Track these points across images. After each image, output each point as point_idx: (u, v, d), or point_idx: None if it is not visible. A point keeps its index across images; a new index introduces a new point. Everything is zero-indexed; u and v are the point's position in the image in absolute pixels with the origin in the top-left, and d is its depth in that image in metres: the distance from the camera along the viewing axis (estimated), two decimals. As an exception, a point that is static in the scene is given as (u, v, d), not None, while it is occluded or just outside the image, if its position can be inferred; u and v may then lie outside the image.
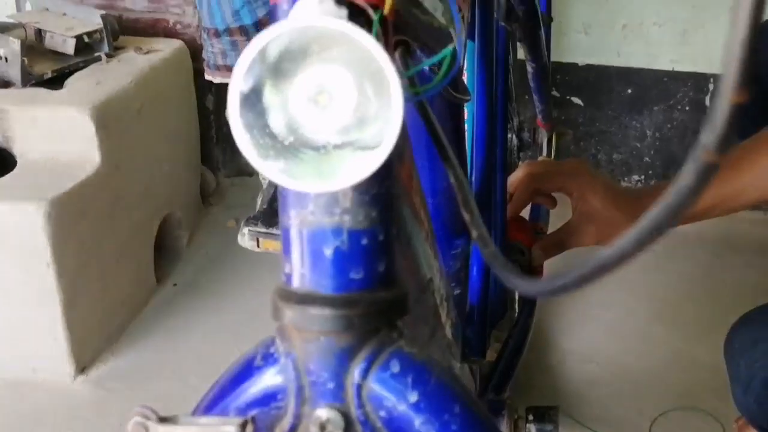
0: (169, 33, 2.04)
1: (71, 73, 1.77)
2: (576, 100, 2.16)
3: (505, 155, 1.16)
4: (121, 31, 1.93)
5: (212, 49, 1.61)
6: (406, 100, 0.43)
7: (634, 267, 1.59)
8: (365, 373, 0.43)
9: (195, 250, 2.01)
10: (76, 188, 1.56)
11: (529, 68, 1.54)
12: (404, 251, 0.51)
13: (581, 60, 2.12)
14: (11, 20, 1.94)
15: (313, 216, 0.41)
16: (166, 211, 1.93)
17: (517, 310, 1.46)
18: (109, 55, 1.83)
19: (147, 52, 1.87)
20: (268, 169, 0.38)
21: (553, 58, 2.05)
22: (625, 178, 2.21)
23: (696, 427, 1.49)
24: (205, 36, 1.62)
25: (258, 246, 1.34)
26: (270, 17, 0.41)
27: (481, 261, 1.02)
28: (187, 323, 1.78)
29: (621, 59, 2.10)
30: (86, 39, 1.82)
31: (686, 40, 2.04)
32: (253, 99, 0.37)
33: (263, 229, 1.35)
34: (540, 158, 1.79)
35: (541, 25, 1.38)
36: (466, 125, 1.06)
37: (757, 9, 0.28)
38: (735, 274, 1.91)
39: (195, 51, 1.99)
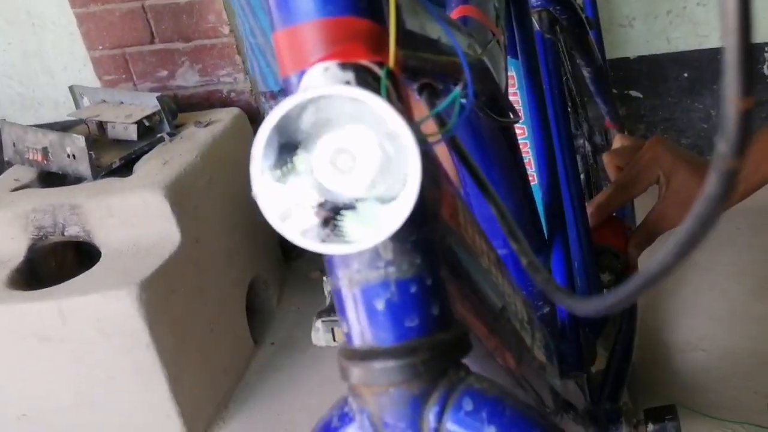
0: (225, 102, 2.09)
1: (138, 158, 1.82)
2: (635, 93, 2.14)
3: (573, 163, 1.15)
4: (179, 108, 1.98)
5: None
6: (432, 143, 0.44)
7: (720, 248, 1.56)
8: (440, 417, 0.43)
9: (285, 307, 2.04)
10: (162, 268, 1.60)
11: (586, 73, 1.53)
12: (463, 289, 0.51)
13: (632, 53, 2.10)
14: (72, 118, 2.01)
15: (359, 274, 0.42)
16: (252, 274, 1.96)
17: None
18: (171, 134, 1.88)
19: (207, 125, 1.92)
20: (306, 241, 0.39)
21: (605, 56, 2.04)
22: (699, 160, 2.18)
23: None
24: (263, 99, 1.65)
25: (334, 339, 1.32)
26: (283, 91, 0.42)
27: (564, 275, 1.02)
28: (291, 379, 1.80)
29: (671, 45, 2.08)
30: (146, 123, 1.87)
31: (734, 15, 2.01)
32: (278, 175, 0.39)
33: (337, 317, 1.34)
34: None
35: (588, 29, 1.36)
36: (528, 142, 1.07)
37: (746, 17, 0.29)
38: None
39: (252, 115, 2.03)
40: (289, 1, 0.41)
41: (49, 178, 1.86)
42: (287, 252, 2.18)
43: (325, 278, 1.53)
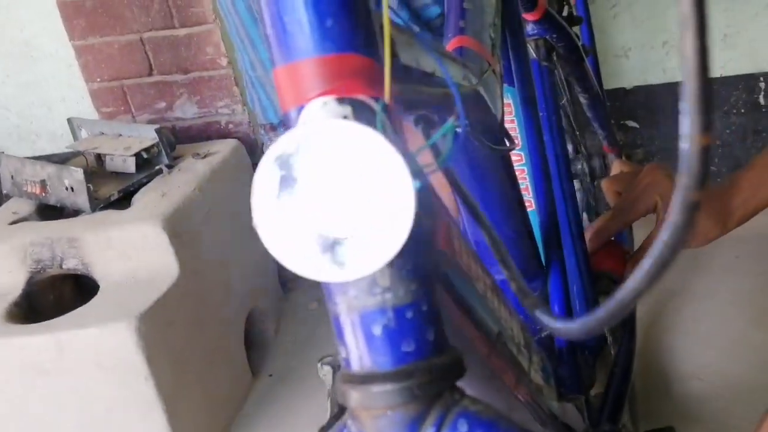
0: (223, 134, 2.10)
1: (136, 190, 1.83)
2: (631, 124, 2.16)
3: (570, 189, 1.16)
4: (177, 140, 1.99)
5: (270, 143, 1.65)
6: (427, 173, 0.46)
7: (719, 275, 1.56)
8: (436, 438, 0.44)
9: (283, 338, 2.05)
10: (160, 300, 1.60)
11: (583, 100, 1.55)
12: (459, 315, 0.52)
13: (628, 83, 2.13)
14: (70, 149, 2.02)
15: (357, 300, 0.43)
16: (251, 306, 1.97)
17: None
18: (169, 166, 1.89)
19: (205, 156, 1.93)
20: (305, 270, 0.40)
21: (600, 86, 2.06)
22: (696, 188, 2.20)
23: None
24: (262, 132, 1.66)
25: None
26: (283, 124, 0.44)
27: (561, 299, 1.03)
28: (289, 411, 1.80)
29: (667, 75, 2.10)
30: (145, 155, 1.88)
31: (728, 44, 2.04)
32: (278, 206, 0.40)
33: None
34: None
35: (584, 57, 1.39)
36: (525, 168, 1.08)
37: (704, 62, 0.31)
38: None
39: (250, 146, 2.05)
40: (289, 38, 0.42)
41: (48, 211, 1.87)
42: (285, 283, 2.19)
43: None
